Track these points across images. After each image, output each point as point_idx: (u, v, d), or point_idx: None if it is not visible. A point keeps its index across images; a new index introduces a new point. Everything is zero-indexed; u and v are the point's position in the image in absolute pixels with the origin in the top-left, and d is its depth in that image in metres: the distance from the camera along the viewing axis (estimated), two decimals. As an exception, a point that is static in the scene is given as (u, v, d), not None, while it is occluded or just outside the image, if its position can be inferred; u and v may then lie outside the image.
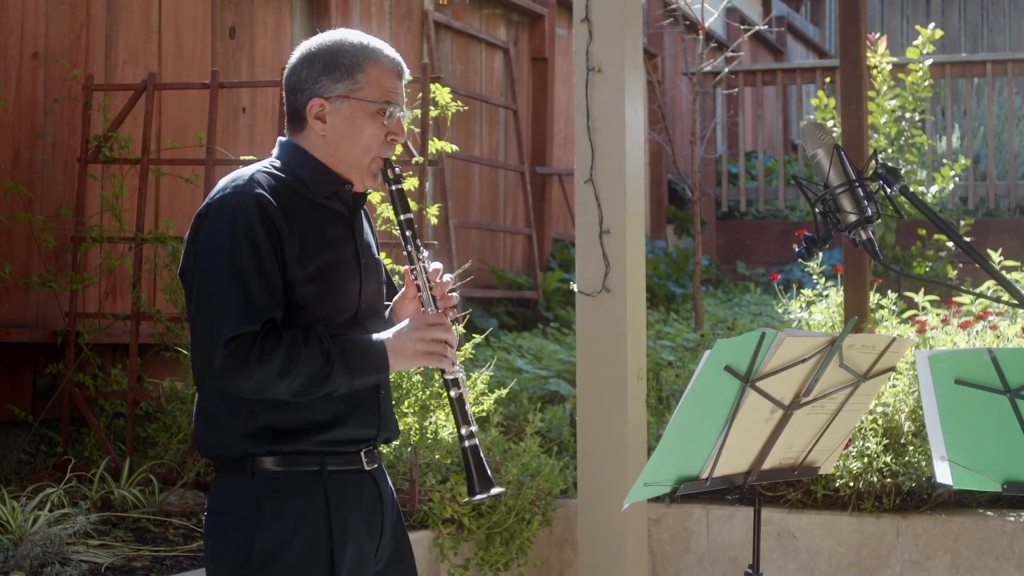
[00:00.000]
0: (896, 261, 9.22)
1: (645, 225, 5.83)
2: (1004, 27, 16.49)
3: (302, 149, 2.81)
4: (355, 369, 2.70)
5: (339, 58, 2.79)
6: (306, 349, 2.64)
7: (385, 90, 2.80)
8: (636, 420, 5.29)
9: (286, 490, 2.73)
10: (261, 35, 7.08)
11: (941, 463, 2.82)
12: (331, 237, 2.79)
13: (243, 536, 2.71)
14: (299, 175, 2.79)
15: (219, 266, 2.65)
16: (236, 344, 2.60)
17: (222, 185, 2.75)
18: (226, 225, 2.67)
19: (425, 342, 2.75)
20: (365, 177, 2.82)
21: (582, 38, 5.32)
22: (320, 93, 2.78)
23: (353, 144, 2.79)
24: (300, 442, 2.74)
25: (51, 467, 5.53)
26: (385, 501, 2.88)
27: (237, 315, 2.61)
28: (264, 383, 2.63)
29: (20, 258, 5.66)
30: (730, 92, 11.14)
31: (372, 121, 2.79)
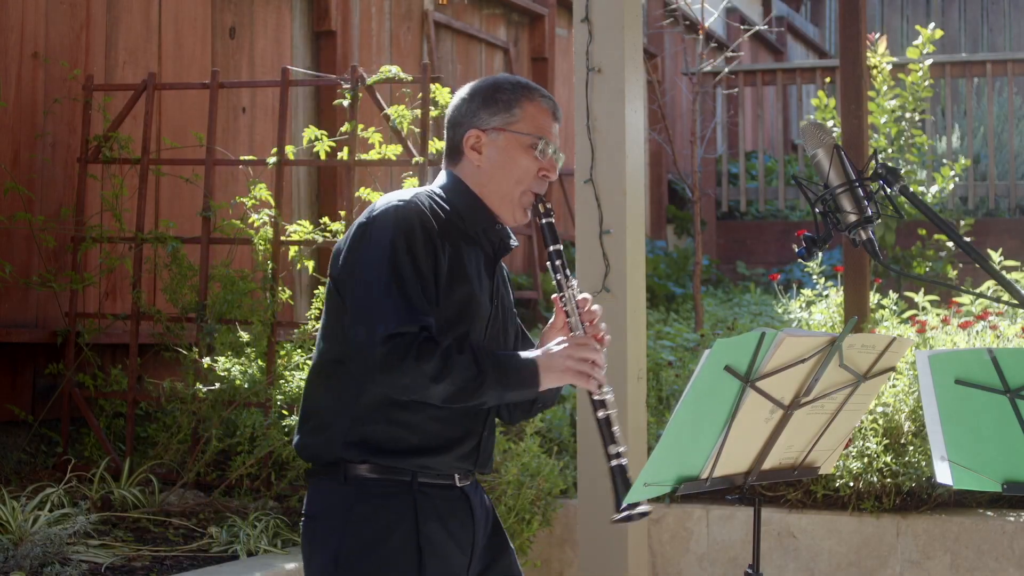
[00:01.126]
0: (896, 261, 9.22)
1: (645, 225, 5.83)
2: (1004, 27, 16.49)
3: (461, 180, 2.92)
4: (507, 382, 2.75)
5: (498, 94, 2.92)
6: (460, 357, 2.70)
7: (539, 127, 2.91)
8: (636, 420, 5.29)
9: (376, 497, 2.79)
10: (261, 35, 7.08)
11: (941, 463, 2.82)
12: (475, 268, 2.88)
13: (333, 538, 2.78)
14: (456, 206, 2.88)
15: (381, 268, 2.72)
16: (395, 343, 2.66)
17: (386, 199, 2.84)
18: (389, 233, 2.75)
19: (575, 360, 2.80)
20: (516, 210, 2.92)
21: (582, 38, 5.32)
22: (477, 125, 2.90)
23: (506, 175, 2.89)
24: (396, 459, 2.79)
25: (51, 467, 5.53)
26: (476, 516, 2.92)
27: (398, 315, 2.68)
28: (417, 384, 2.69)
29: (20, 258, 5.66)
30: (730, 92, 11.14)
31: (525, 154, 2.89)
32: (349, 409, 2.79)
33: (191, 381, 5.35)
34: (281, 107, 5.70)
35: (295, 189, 7.21)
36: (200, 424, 5.33)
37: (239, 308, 5.51)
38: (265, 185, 5.64)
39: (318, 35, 7.53)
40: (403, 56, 8.16)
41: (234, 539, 4.76)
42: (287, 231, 5.58)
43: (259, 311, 5.43)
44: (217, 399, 5.28)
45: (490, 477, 5.29)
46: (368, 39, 7.92)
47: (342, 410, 2.80)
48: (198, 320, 5.52)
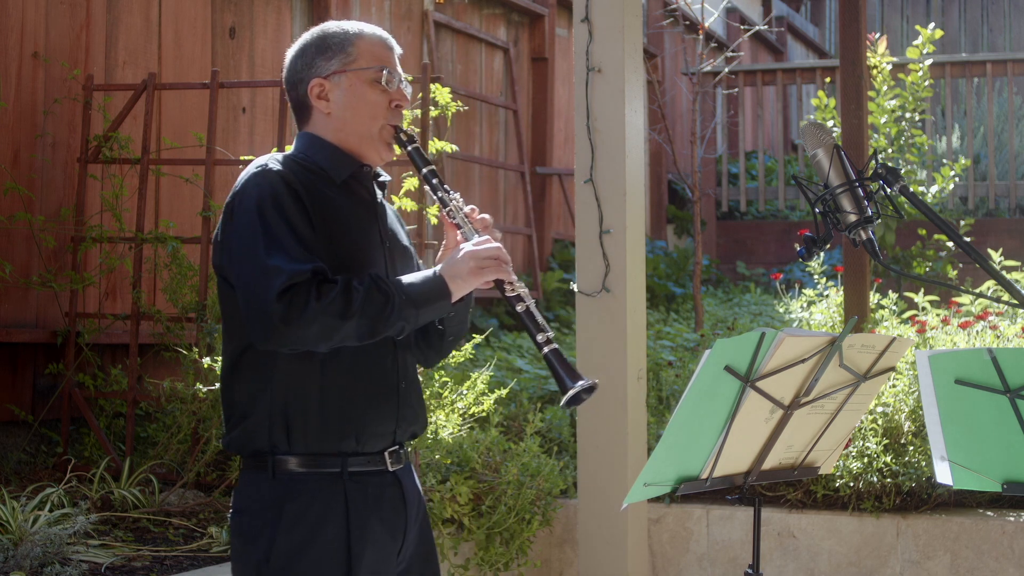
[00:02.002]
0: (896, 261, 9.22)
1: (645, 225, 5.83)
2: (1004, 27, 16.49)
3: (315, 135, 2.85)
4: (418, 300, 2.68)
5: (327, 40, 2.87)
6: (363, 288, 2.63)
7: (379, 57, 2.86)
8: (636, 420, 5.29)
9: (307, 492, 2.74)
10: (261, 35, 7.08)
11: (941, 463, 2.82)
12: (353, 218, 2.80)
13: (265, 537, 2.73)
14: (317, 160, 2.82)
15: (255, 236, 2.66)
16: (291, 294, 2.58)
17: (243, 174, 2.79)
18: (253, 201, 2.69)
19: (478, 259, 2.73)
20: (380, 147, 2.85)
21: (582, 38, 5.32)
22: (317, 74, 2.84)
23: (359, 114, 2.83)
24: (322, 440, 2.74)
25: (51, 467, 5.53)
26: (409, 501, 2.88)
27: (284, 269, 2.59)
28: (329, 326, 2.61)
29: (20, 258, 5.66)
30: (730, 92, 11.14)
31: (372, 88, 2.83)
32: (265, 394, 2.73)
33: (191, 381, 5.35)
34: (281, 107, 5.70)
35: (295, 189, 7.20)
36: (200, 424, 5.33)
37: (239, 308, 5.50)
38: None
39: (318, 35, 7.52)
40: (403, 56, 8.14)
41: (234, 539, 4.76)
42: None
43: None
44: (217, 399, 5.28)
45: (490, 477, 5.29)
46: (368, 39, 7.91)
47: (259, 396, 2.74)
48: (198, 320, 5.52)
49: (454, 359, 5.27)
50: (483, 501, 5.25)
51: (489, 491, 5.23)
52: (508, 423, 6.07)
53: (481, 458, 5.36)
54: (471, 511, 5.22)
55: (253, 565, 2.76)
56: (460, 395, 5.28)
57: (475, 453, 5.33)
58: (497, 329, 8.18)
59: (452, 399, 5.24)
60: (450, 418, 5.23)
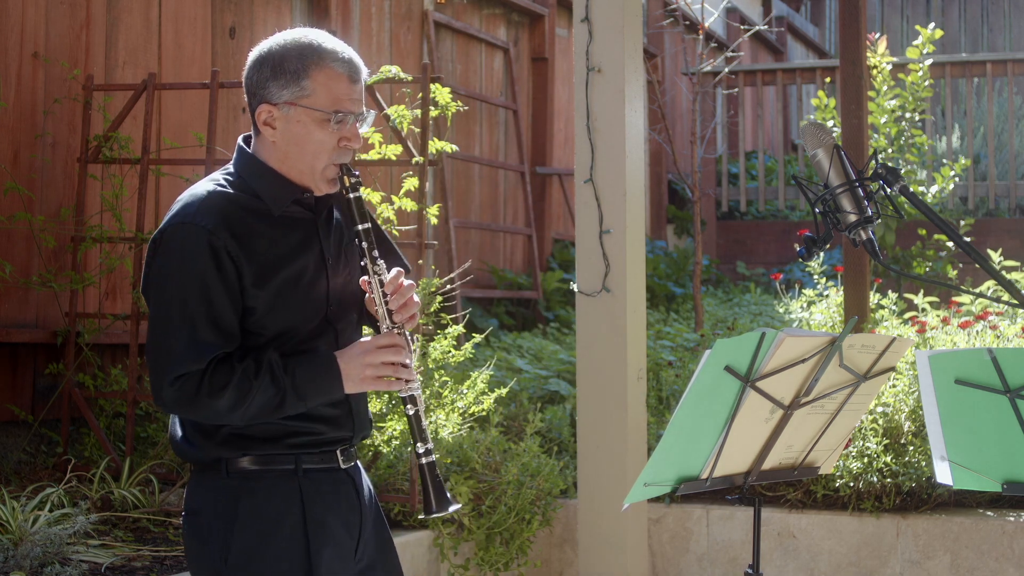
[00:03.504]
0: (896, 261, 9.22)
1: (645, 225, 5.83)
2: (1004, 27, 16.49)
3: (258, 159, 2.75)
4: (307, 395, 2.69)
5: (285, 63, 2.69)
6: (256, 382, 2.63)
7: (334, 98, 2.69)
8: (636, 420, 5.29)
9: (262, 490, 2.73)
10: (261, 35, 7.05)
11: (941, 463, 2.82)
12: (290, 249, 2.74)
13: (221, 536, 2.71)
14: (255, 188, 2.73)
15: (169, 306, 2.65)
16: (183, 382, 2.61)
17: (176, 208, 2.71)
18: (176, 263, 2.64)
19: (375, 367, 2.71)
20: (320, 184, 2.74)
21: (582, 38, 5.32)
22: (268, 99, 2.70)
23: (302, 151, 2.71)
24: (275, 446, 2.75)
25: (51, 467, 5.53)
26: (363, 499, 2.87)
27: (184, 354, 2.61)
28: (215, 415, 2.65)
29: (20, 258, 5.65)
30: (730, 92, 11.14)
31: (320, 128, 2.69)
32: None
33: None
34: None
35: (295, 189, 7.20)
36: (200, 424, 5.33)
37: (239, 308, 5.50)
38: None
39: (318, 35, 7.52)
40: (403, 56, 8.16)
41: (234, 539, 4.76)
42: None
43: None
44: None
45: (490, 477, 5.29)
46: (368, 39, 7.92)
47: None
48: (198, 320, 5.51)
49: (454, 358, 5.27)
50: (483, 501, 5.25)
51: (489, 491, 5.23)
52: (508, 423, 6.07)
53: (481, 458, 5.37)
54: (471, 511, 5.22)
55: (210, 565, 2.74)
56: (460, 395, 5.28)
57: (475, 453, 5.33)
58: (497, 329, 8.19)
59: (452, 399, 5.25)
60: (450, 418, 5.23)
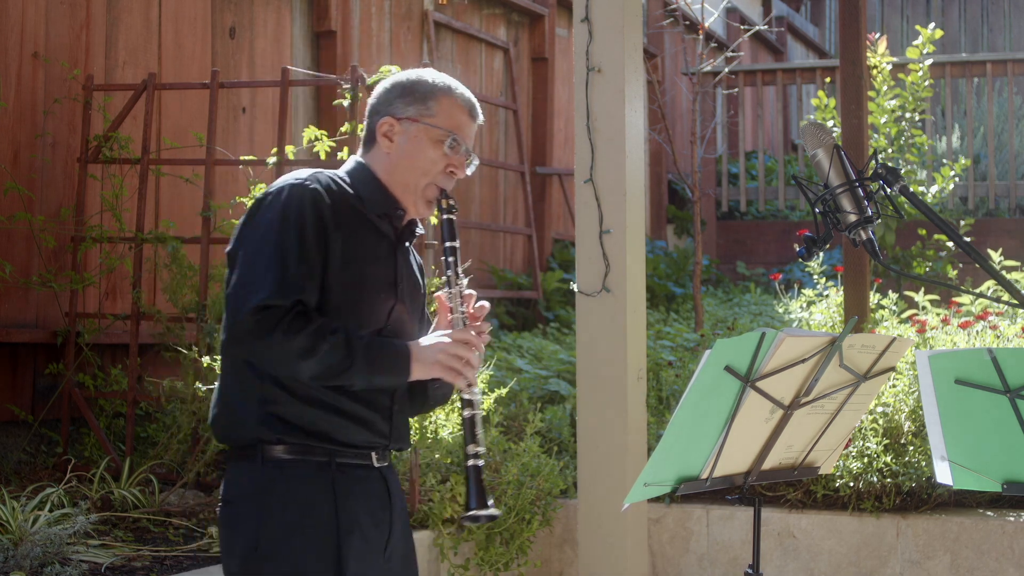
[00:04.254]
0: (896, 261, 9.22)
1: (645, 225, 5.82)
2: (1004, 27, 16.49)
3: (367, 167, 2.94)
4: (376, 367, 2.76)
5: (417, 86, 2.93)
6: (332, 337, 2.70)
7: (454, 123, 2.91)
8: (636, 420, 5.28)
9: (294, 477, 2.78)
10: (261, 35, 7.08)
11: (941, 463, 2.82)
12: (373, 253, 2.88)
13: (252, 523, 2.77)
14: (358, 189, 2.89)
15: (265, 242, 2.74)
16: (265, 314, 2.67)
17: (283, 178, 2.86)
18: (279, 209, 2.77)
19: (447, 355, 2.81)
20: (419, 202, 2.92)
21: (582, 38, 5.31)
22: (392, 113, 2.92)
23: (412, 166, 2.90)
24: (310, 437, 2.79)
25: (51, 467, 5.53)
26: (394, 499, 2.93)
27: (271, 287, 2.69)
28: (284, 358, 2.69)
29: (20, 258, 5.66)
30: (730, 92, 11.14)
31: (434, 148, 2.90)
32: (256, 392, 2.79)
33: (191, 381, 5.35)
34: (281, 107, 5.70)
35: (295, 189, 7.20)
36: (200, 424, 5.33)
37: (239, 308, 5.50)
38: (265, 185, 5.64)
39: (318, 35, 7.53)
40: (403, 56, 8.15)
41: (234, 539, 4.75)
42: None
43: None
44: (217, 399, 5.28)
45: (490, 477, 5.29)
46: (368, 39, 7.92)
47: (249, 391, 2.79)
48: (198, 320, 5.52)
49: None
50: (483, 501, 5.24)
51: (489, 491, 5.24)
52: (508, 423, 6.07)
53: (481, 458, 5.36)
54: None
55: (240, 553, 2.78)
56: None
57: (475, 453, 5.33)
58: (497, 329, 8.18)
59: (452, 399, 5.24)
60: (450, 418, 5.23)
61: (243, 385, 2.80)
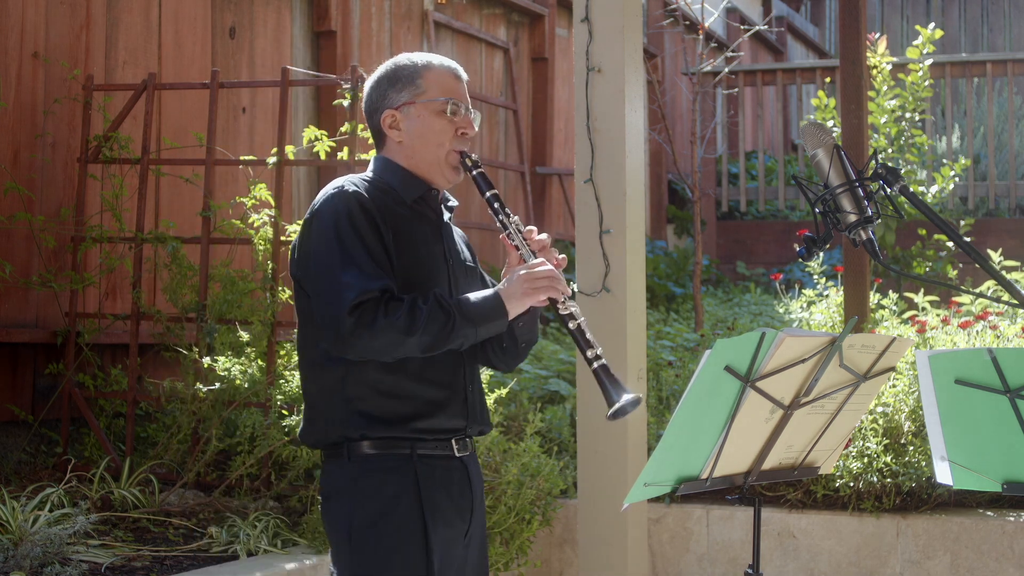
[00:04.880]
0: (896, 261, 9.22)
1: (645, 225, 5.82)
2: (1004, 27, 16.49)
3: (389, 160, 3.10)
4: (477, 318, 2.90)
5: (399, 72, 3.10)
6: (426, 307, 2.86)
7: (446, 89, 3.08)
8: (636, 420, 5.28)
9: (379, 471, 2.93)
10: (261, 35, 7.08)
11: (941, 463, 2.82)
12: (420, 236, 3.03)
13: (343, 515, 2.94)
14: (389, 181, 3.06)
15: (331, 253, 2.90)
16: (361, 310, 2.81)
17: (323, 193, 3.02)
18: (331, 219, 2.93)
19: (532, 280, 2.93)
20: (445, 171, 3.08)
21: (582, 38, 5.31)
22: (389, 106, 3.09)
23: (427, 142, 3.06)
24: (392, 429, 2.94)
25: (51, 467, 5.53)
26: (475, 488, 3.07)
27: (356, 285, 2.84)
28: (393, 341, 2.83)
29: (20, 258, 5.65)
30: (730, 92, 11.13)
31: (439, 118, 3.06)
32: (338, 393, 2.95)
33: (191, 381, 5.35)
34: (281, 107, 5.70)
35: (295, 189, 7.21)
36: (200, 424, 5.34)
37: (239, 308, 5.51)
38: (265, 185, 5.64)
39: (318, 35, 7.53)
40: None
41: (234, 539, 4.76)
42: (287, 231, 5.58)
43: (259, 311, 5.43)
44: (217, 399, 5.28)
45: (490, 477, 5.29)
46: (368, 39, 7.92)
47: (332, 395, 2.96)
48: (198, 320, 5.52)
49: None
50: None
51: (489, 491, 5.23)
52: (508, 423, 6.07)
53: (481, 458, 5.37)
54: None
55: (336, 545, 2.96)
56: (460, 395, 5.27)
57: (475, 453, 5.33)
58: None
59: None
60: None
61: (326, 390, 2.97)
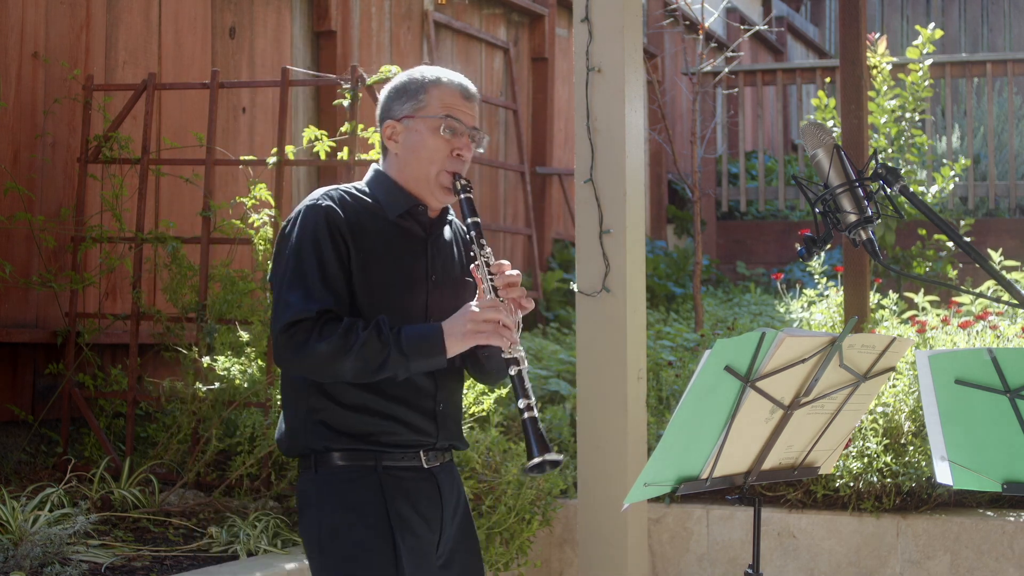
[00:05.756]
0: (896, 261, 9.22)
1: (645, 225, 5.82)
2: (1004, 27, 16.49)
3: (383, 172, 3.10)
4: (411, 352, 2.87)
5: (407, 85, 3.09)
6: (364, 334, 2.84)
7: (446, 106, 3.05)
8: (636, 420, 5.28)
9: (345, 482, 2.94)
10: (261, 35, 7.07)
11: (941, 463, 2.82)
12: (398, 252, 3.01)
13: (313, 526, 2.96)
14: (376, 195, 3.05)
15: (287, 266, 2.93)
16: (294, 330, 2.84)
17: (300, 204, 3.03)
18: (296, 233, 2.95)
19: (476, 322, 2.90)
20: (435, 190, 3.04)
21: (582, 38, 5.31)
22: (391, 116, 3.08)
23: (418, 158, 3.03)
24: (356, 441, 2.95)
25: (51, 467, 5.53)
26: (445, 498, 3.05)
27: (296, 305, 2.86)
28: (323, 364, 2.85)
29: (20, 258, 5.65)
30: (730, 92, 11.13)
31: (433, 136, 3.03)
32: (303, 400, 2.96)
33: (191, 381, 5.35)
34: (281, 107, 5.70)
35: (295, 189, 7.21)
36: (200, 424, 5.33)
37: (239, 308, 5.51)
38: (265, 185, 5.64)
39: (318, 35, 7.53)
40: (403, 56, 8.15)
41: (234, 539, 4.76)
42: (287, 231, 5.58)
43: (259, 311, 5.43)
44: (217, 399, 5.28)
45: (490, 477, 5.29)
46: (368, 39, 7.92)
47: (299, 402, 2.98)
48: (198, 320, 5.52)
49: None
50: (483, 501, 5.25)
51: (489, 491, 5.23)
52: (508, 423, 6.07)
53: (481, 458, 5.36)
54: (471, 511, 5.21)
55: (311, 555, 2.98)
56: (460, 395, 5.27)
57: (475, 453, 5.33)
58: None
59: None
60: (450, 418, 5.22)
61: (292, 400, 2.99)
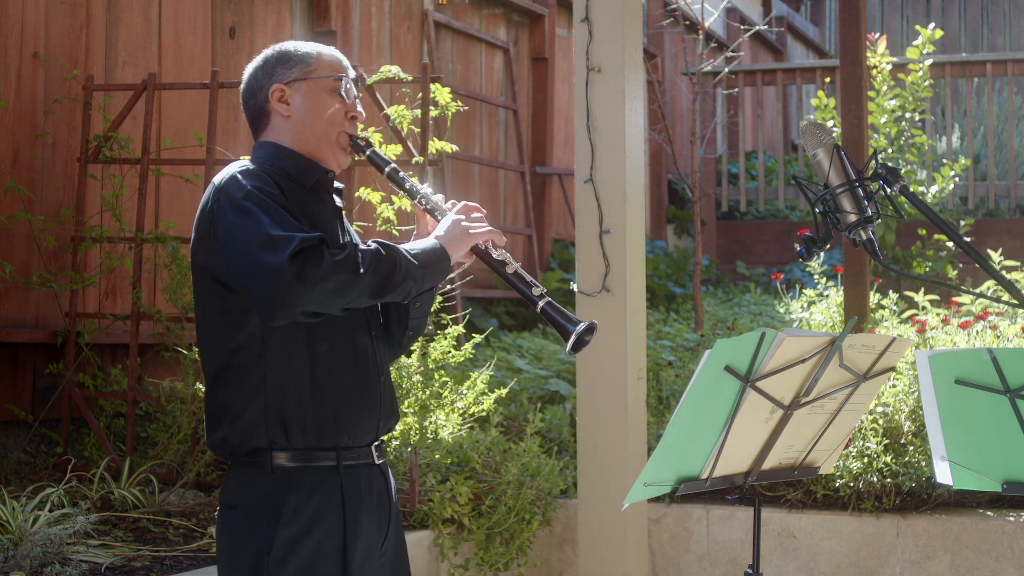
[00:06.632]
0: (896, 261, 9.22)
1: (645, 225, 5.82)
2: (1004, 27, 16.48)
3: (275, 144, 2.90)
4: (424, 261, 2.77)
5: (290, 54, 2.94)
6: (368, 251, 2.69)
7: (336, 68, 2.93)
8: (636, 420, 5.29)
9: (306, 486, 2.78)
10: (261, 35, 7.08)
11: (941, 463, 2.82)
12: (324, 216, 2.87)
13: (264, 531, 2.74)
14: (284, 167, 2.86)
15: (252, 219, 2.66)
16: (305, 254, 2.59)
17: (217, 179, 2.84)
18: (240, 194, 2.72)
19: (469, 222, 2.89)
20: (336, 152, 2.91)
21: (582, 38, 5.32)
22: (278, 80, 2.90)
23: (317, 118, 2.89)
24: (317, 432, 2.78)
25: (51, 467, 5.53)
26: (392, 494, 2.98)
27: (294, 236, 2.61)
28: (344, 282, 2.63)
29: (20, 258, 5.65)
30: (730, 92, 11.13)
31: (331, 96, 2.91)
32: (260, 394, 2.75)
33: (191, 381, 5.35)
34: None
35: (295, 189, 7.21)
36: (200, 424, 5.33)
37: (239, 308, 5.50)
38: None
39: (318, 35, 7.53)
40: (403, 56, 8.15)
41: (234, 539, 4.76)
42: (287, 231, 5.58)
43: (259, 311, 5.43)
44: (217, 399, 5.28)
45: (490, 477, 5.29)
46: (368, 39, 7.92)
47: (253, 396, 2.75)
48: (198, 320, 5.51)
49: (454, 359, 5.28)
50: (483, 501, 5.25)
51: (489, 491, 5.23)
52: (508, 423, 6.07)
53: (481, 458, 5.37)
54: (471, 511, 5.22)
55: (249, 560, 2.76)
56: (460, 395, 5.28)
57: (475, 453, 5.33)
58: (497, 329, 8.18)
59: (452, 399, 5.24)
60: (450, 418, 5.23)
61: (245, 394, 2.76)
